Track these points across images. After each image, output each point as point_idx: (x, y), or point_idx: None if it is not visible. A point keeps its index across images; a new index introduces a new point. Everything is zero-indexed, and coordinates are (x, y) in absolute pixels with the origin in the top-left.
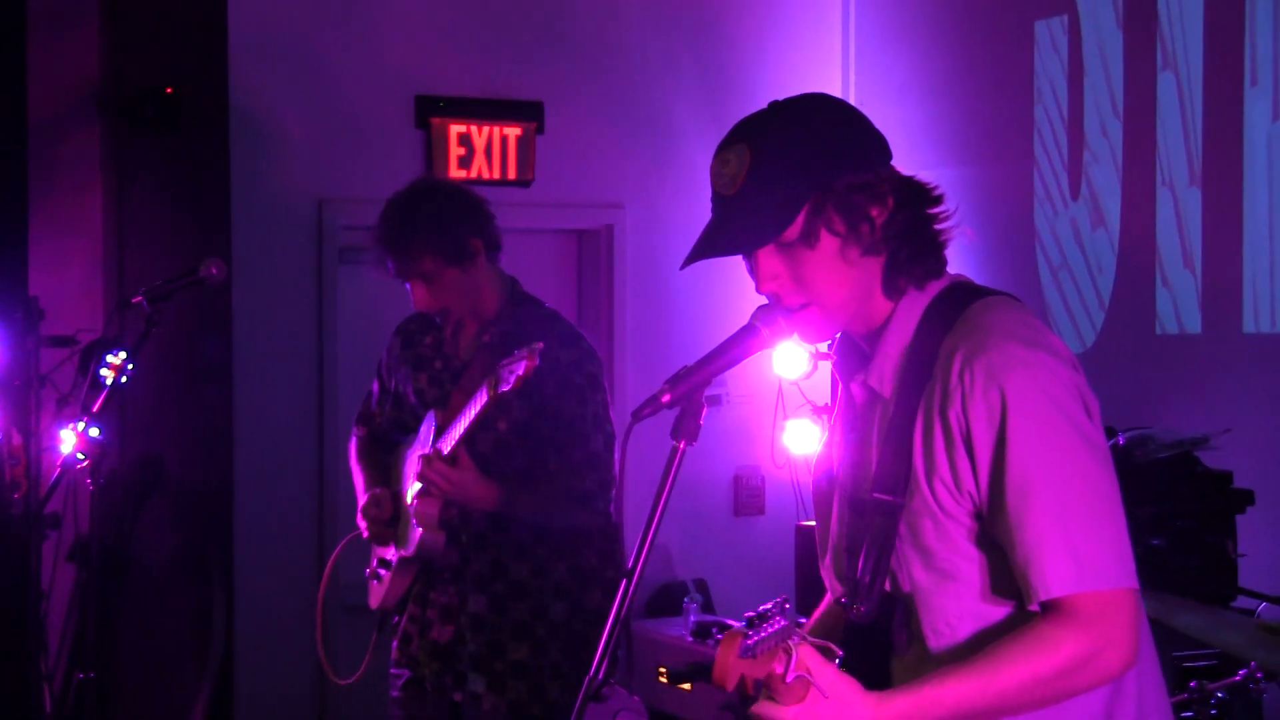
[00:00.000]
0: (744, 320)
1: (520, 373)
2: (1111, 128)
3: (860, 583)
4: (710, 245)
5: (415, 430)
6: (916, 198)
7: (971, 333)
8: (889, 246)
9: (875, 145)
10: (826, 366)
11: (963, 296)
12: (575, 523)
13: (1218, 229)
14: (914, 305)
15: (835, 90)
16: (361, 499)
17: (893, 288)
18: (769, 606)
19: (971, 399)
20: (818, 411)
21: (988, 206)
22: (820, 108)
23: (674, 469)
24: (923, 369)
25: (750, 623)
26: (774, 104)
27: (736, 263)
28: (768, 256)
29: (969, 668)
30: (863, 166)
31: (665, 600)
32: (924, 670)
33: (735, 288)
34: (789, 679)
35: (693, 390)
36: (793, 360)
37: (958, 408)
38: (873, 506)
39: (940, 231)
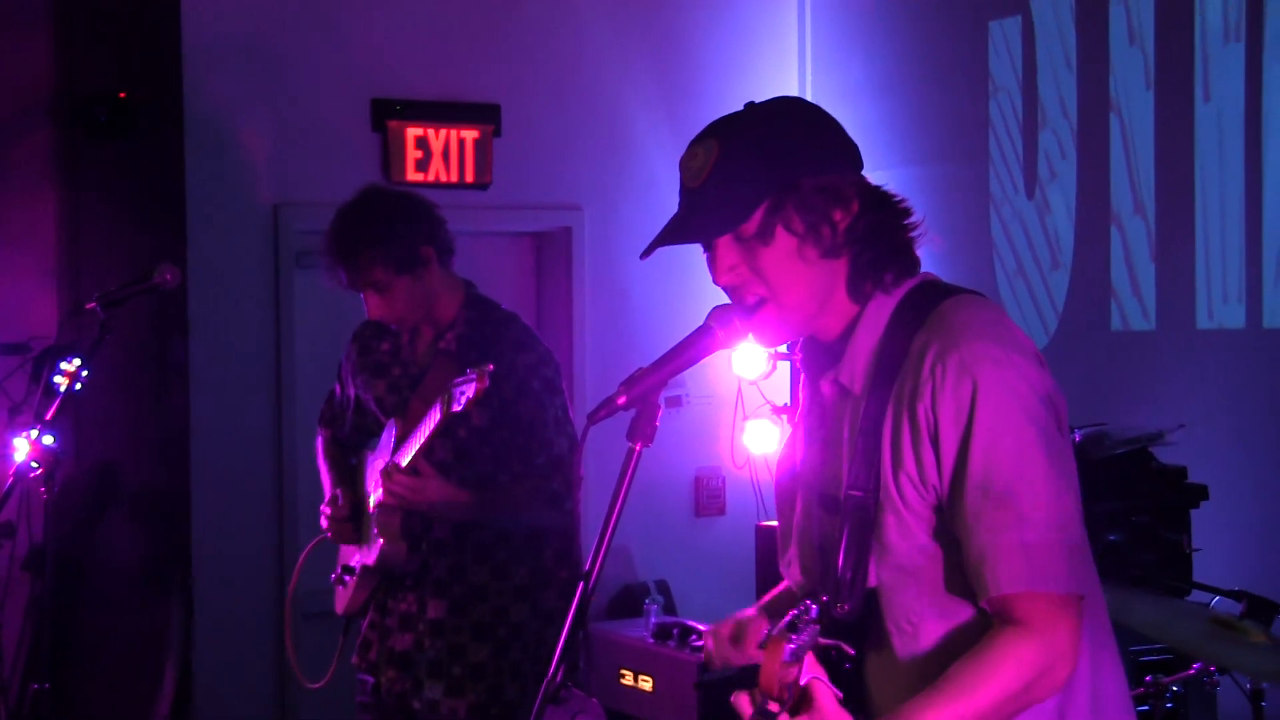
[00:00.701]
0: (701, 321)
1: (470, 395)
2: (1064, 126)
3: (842, 580)
4: (671, 234)
5: (378, 436)
6: (882, 205)
7: (944, 329)
8: (851, 251)
9: (845, 150)
10: (786, 367)
11: (933, 294)
12: (544, 522)
13: (1172, 222)
14: (884, 303)
15: (791, 91)
16: (328, 497)
17: (858, 292)
18: (799, 612)
19: (942, 393)
20: (777, 411)
21: (944, 204)
22: (792, 110)
23: (630, 471)
24: (894, 365)
25: (791, 625)
26: (749, 104)
27: (695, 264)
28: (726, 249)
29: (943, 692)
30: (829, 169)
31: (626, 602)
32: (892, 670)
33: (694, 289)
34: (802, 681)
35: (648, 392)
36: (752, 361)
37: (927, 402)
38: (848, 504)
39: (906, 240)
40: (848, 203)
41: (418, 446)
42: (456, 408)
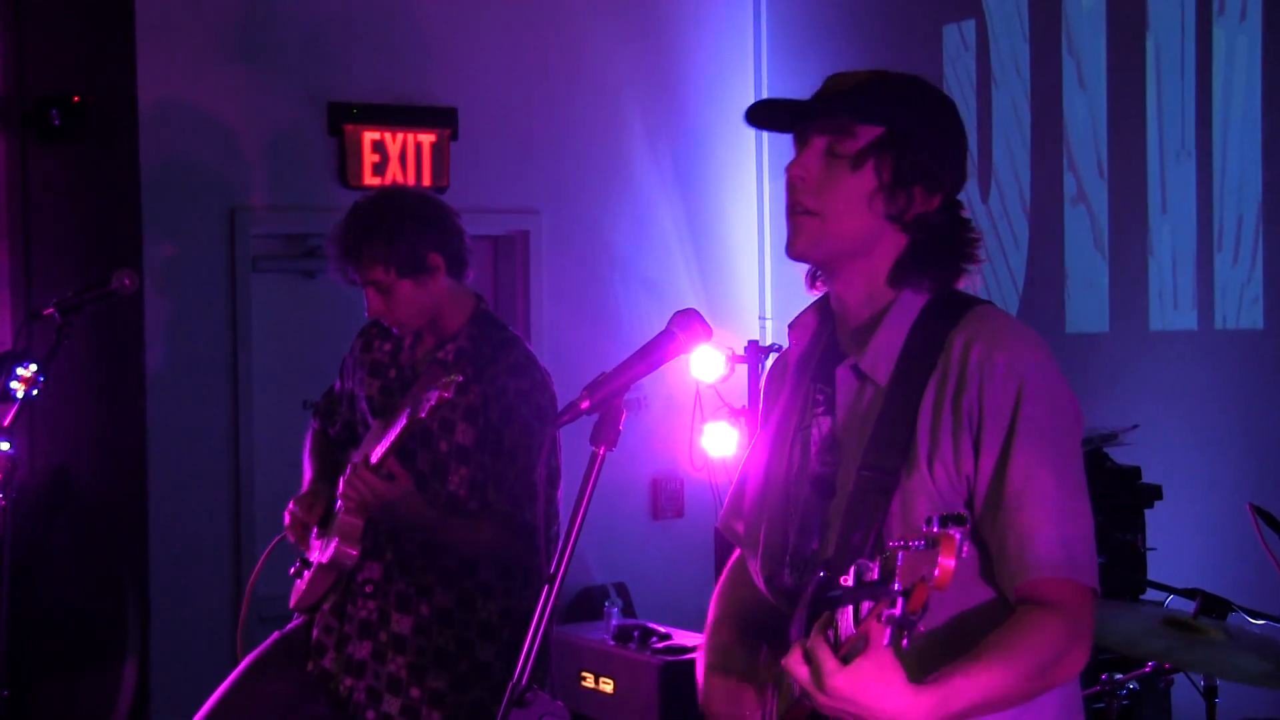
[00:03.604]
0: (661, 326)
1: (433, 403)
2: (1019, 130)
3: (854, 554)
4: (791, 103)
5: (363, 436)
6: (956, 217)
7: (986, 330)
8: (909, 234)
9: (959, 165)
10: (744, 370)
11: (960, 298)
12: (509, 557)
13: (1125, 224)
14: (913, 301)
15: (747, 93)
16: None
17: (898, 279)
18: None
19: (989, 387)
20: (735, 414)
21: None
22: (951, 110)
23: (594, 474)
24: (927, 358)
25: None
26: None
27: (650, 270)
28: (813, 153)
29: (979, 658)
30: (944, 162)
31: (585, 605)
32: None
33: (649, 294)
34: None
35: (611, 396)
36: (710, 364)
37: (972, 395)
38: (860, 483)
39: (960, 257)
40: (933, 192)
41: (384, 448)
42: (421, 414)
